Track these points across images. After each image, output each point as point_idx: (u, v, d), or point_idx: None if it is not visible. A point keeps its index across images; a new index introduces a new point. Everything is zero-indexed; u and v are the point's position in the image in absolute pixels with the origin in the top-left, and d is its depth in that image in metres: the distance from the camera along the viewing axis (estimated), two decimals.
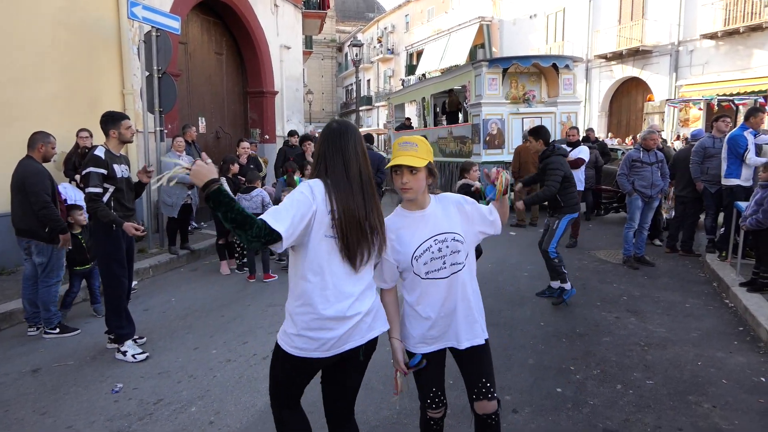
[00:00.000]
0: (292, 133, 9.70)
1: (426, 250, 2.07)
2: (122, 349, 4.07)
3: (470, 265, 2.17)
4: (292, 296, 1.96)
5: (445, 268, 2.09)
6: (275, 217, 1.76)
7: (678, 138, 14.39)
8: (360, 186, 1.93)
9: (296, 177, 7.63)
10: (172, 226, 7.20)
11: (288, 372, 2.01)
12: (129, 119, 4.19)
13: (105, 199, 4.04)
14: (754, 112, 6.41)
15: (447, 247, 2.07)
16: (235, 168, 6.80)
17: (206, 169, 1.83)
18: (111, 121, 4.11)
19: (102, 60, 7.40)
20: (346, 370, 2.04)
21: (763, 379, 3.60)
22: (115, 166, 4.08)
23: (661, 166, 6.51)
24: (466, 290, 2.15)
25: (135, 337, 4.25)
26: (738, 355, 4.00)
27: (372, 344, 2.03)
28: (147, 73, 7.09)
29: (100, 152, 4.04)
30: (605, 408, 3.25)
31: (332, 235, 1.87)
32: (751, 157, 6.09)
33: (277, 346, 2.00)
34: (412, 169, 1.99)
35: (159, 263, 6.75)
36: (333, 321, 1.89)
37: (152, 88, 7.12)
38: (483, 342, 2.19)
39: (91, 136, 6.34)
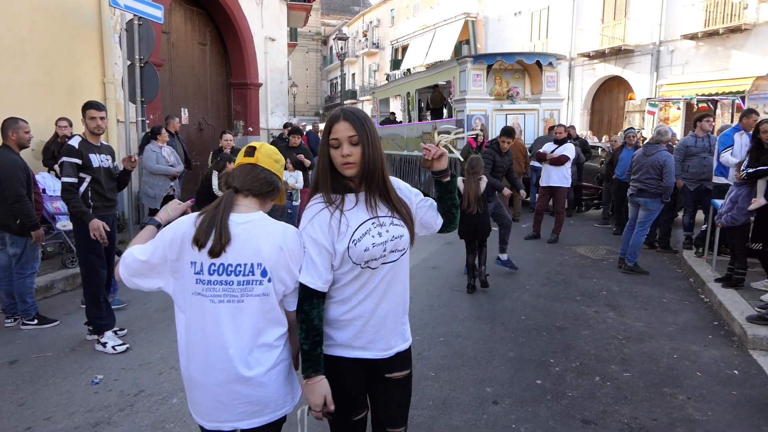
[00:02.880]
0: (286, 125, 9.68)
1: None
2: (102, 340, 4.02)
3: None
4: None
5: None
6: None
7: None
8: None
9: None
10: None
11: None
12: (95, 109, 4.03)
13: (82, 188, 3.99)
14: (748, 113, 6.55)
15: None
16: (230, 167, 6.77)
17: None
18: (82, 110, 4.08)
19: (82, 48, 7.25)
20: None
21: (736, 372, 3.70)
22: (92, 156, 4.02)
23: None
24: None
25: (115, 328, 4.21)
26: (712, 349, 4.10)
27: None
28: (129, 62, 6.98)
29: (74, 142, 3.99)
30: (583, 399, 3.32)
31: None
32: (724, 155, 6.24)
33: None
34: None
35: None
36: None
37: (134, 77, 7.00)
38: None
39: (71, 125, 6.23)
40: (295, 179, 7.39)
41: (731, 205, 5.19)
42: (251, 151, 1.70)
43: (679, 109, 15.40)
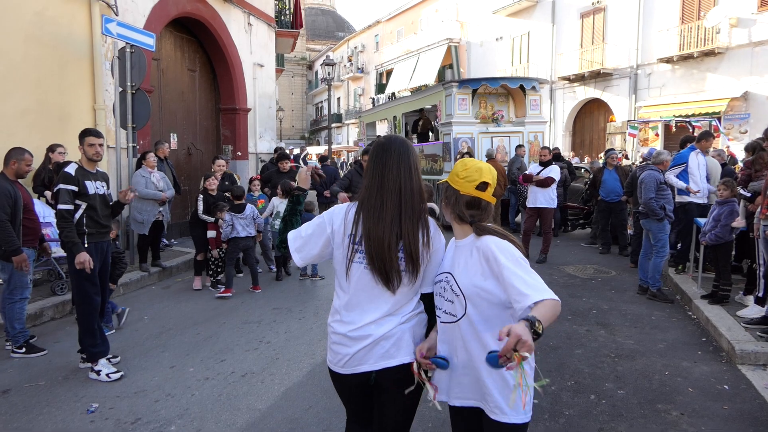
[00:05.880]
0: (277, 150, 9.80)
1: (438, 282, 1.92)
2: (96, 368, 3.98)
3: (471, 321, 1.79)
4: (331, 309, 2.05)
5: (442, 311, 1.89)
6: (295, 235, 2.03)
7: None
8: (397, 205, 1.86)
9: (256, 194, 7.65)
10: (143, 243, 7.09)
11: (333, 383, 2.08)
12: (95, 136, 4.09)
13: (77, 215, 3.99)
14: (706, 136, 6.83)
15: (446, 291, 1.86)
16: (210, 183, 6.78)
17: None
18: (79, 137, 4.12)
19: (73, 75, 7.27)
20: (378, 395, 2.00)
21: (726, 387, 3.78)
22: (88, 183, 4.04)
23: None
24: (459, 347, 1.85)
25: (108, 356, 4.17)
26: (702, 365, 4.19)
27: (392, 373, 1.90)
28: (120, 89, 7.02)
29: (71, 169, 4.01)
30: (580, 418, 3.36)
31: (351, 258, 1.90)
32: (668, 174, 6.44)
33: None
34: None
35: (130, 281, 6.62)
36: (346, 338, 1.92)
37: (125, 104, 7.05)
38: (491, 418, 1.79)
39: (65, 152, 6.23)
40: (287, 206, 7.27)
41: (714, 224, 5.35)
42: (484, 187, 1.86)
43: (657, 135, 15.82)
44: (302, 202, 2.21)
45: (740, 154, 11.88)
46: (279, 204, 7.08)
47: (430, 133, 13.56)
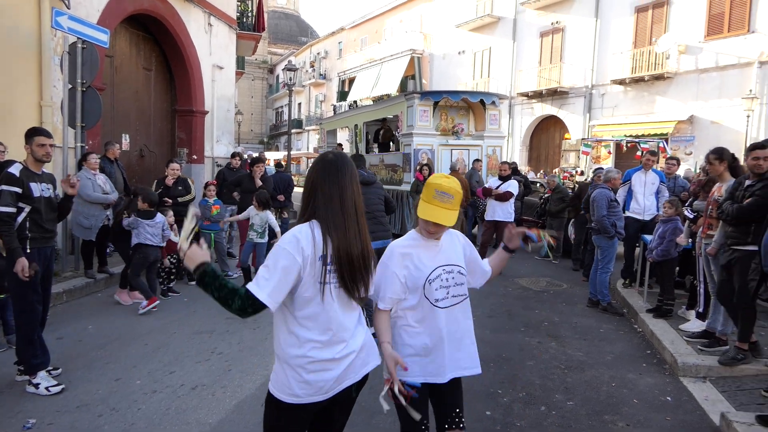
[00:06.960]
0: (234, 155, 9.52)
1: (437, 276, 2.17)
2: (34, 381, 3.77)
3: (468, 299, 2.30)
4: (287, 342, 1.88)
5: (447, 298, 2.20)
6: (259, 285, 1.77)
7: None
8: (355, 220, 1.90)
9: (211, 200, 7.45)
10: (88, 248, 6.78)
11: (283, 422, 1.91)
12: (45, 136, 3.90)
13: (20, 219, 3.79)
14: (650, 154, 7.25)
15: (453, 278, 2.20)
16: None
17: (200, 254, 1.86)
18: (27, 136, 3.92)
19: (18, 69, 6.93)
20: (336, 409, 2.00)
21: (669, 399, 3.93)
22: (33, 185, 3.84)
23: None
24: (460, 322, 2.27)
25: (49, 368, 3.96)
26: (647, 376, 4.34)
27: (363, 379, 2.02)
28: (70, 86, 6.73)
29: (15, 170, 3.80)
30: (531, 429, 3.42)
31: (323, 281, 1.82)
32: (620, 192, 6.82)
33: (271, 396, 1.90)
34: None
35: (74, 287, 6.33)
36: (331, 362, 1.86)
37: (75, 101, 6.76)
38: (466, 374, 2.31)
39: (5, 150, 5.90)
40: (261, 219, 6.66)
41: (660, 241, 5.58)
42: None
43: (609, 153, 16.41)
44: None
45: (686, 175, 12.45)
46: (254, 216, 6.67)
47: (391, 143, 13.62)
